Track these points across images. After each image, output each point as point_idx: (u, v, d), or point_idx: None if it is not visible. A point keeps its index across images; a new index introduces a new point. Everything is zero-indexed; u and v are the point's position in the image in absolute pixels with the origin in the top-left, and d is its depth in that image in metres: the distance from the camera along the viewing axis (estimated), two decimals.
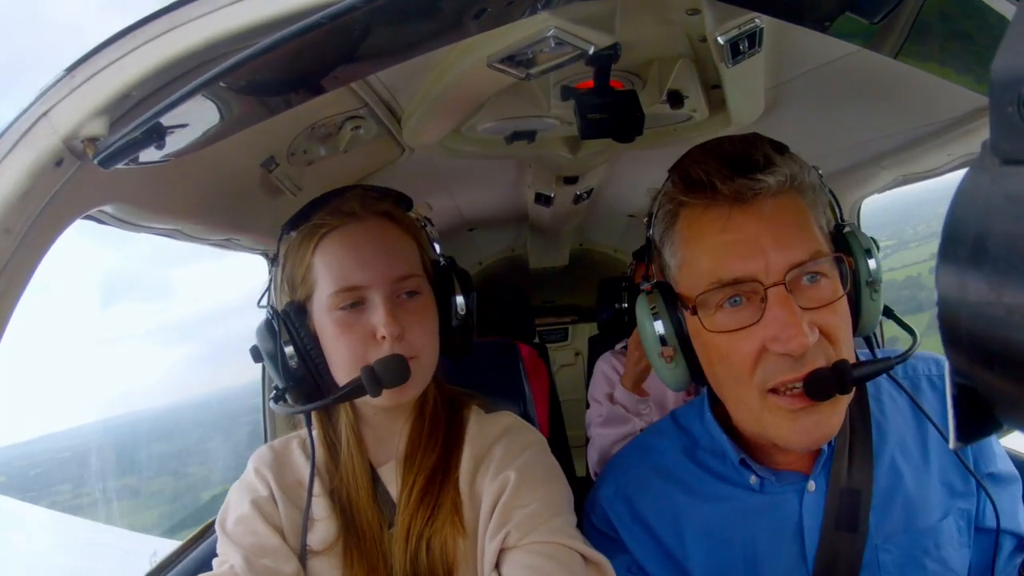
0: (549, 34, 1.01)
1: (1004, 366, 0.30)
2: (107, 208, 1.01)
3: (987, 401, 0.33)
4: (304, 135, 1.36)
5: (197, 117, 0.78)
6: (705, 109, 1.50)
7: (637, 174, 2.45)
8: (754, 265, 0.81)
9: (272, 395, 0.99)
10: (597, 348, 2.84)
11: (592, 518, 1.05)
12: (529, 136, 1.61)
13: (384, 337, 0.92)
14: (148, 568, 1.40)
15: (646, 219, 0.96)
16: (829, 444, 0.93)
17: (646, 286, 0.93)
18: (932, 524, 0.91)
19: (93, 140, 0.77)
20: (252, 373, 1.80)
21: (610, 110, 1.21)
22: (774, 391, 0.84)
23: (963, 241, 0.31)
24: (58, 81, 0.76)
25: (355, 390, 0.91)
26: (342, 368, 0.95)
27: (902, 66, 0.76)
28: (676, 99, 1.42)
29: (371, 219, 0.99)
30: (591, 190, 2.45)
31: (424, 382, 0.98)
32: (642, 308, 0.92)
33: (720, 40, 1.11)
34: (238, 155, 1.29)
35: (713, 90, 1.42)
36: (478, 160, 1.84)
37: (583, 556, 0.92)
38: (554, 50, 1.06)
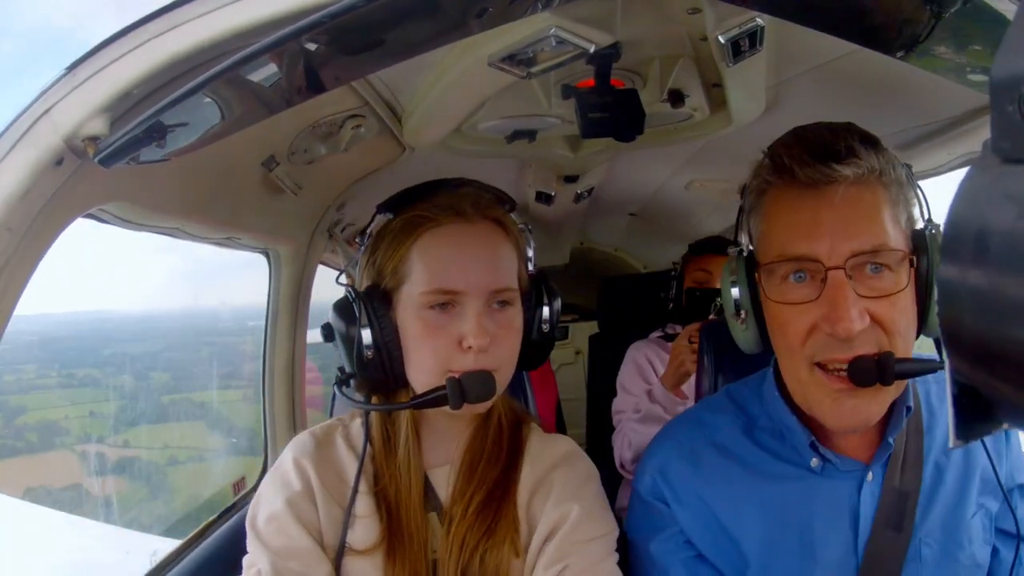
0: (550, 33, 1.01)
1: (1005, 365, 0.31)
2: (108, 207, 1.02)
3: (988, 400, 0.33)
4: (305, 134, 1.36)
5: (197, 116, 0.78)
6: (706, 108, 1.50)
7: (638, 173, 2.45)
8: (818, 246, 0.85)
9: (336, 378, 0.96)
10: (598, 346, 2.84)
11: (639, 489, 1.06)
12: (530, 135, 1.61)
13: (471, 347, 0.89)
14: (149, 567, 1.40)
15: (740, 189, 1.00)
16: (891, 438, 0.95)
17: (732, 252, 0.99)
18: (966, 520, 0.97)
19: (94, 139, 0.77)
20: (221, 298, 1.75)
21: (611, 109, 1.21)
22: (821, 366, 0.87)
23: (964, 240, 0.31)
24: (59, 80, 0.76)
25: (437, 399, 0.89)
26: (421, 369, 0.92)
27: (903, 65, 0.76)
28: (677, 98, 1.41)
29: (481, 223, 0.95)
30: (591, 189, 2.45)
31: (498, 395, 0.95)
32: (725, 271, 0.98)
33: (721, 39, 1.11)
34: (239, 154, 1.29)
35: (714, 89, 1.42)
36: (479, 159, 1.84)
37: None
38: (555, 49, 1.06)
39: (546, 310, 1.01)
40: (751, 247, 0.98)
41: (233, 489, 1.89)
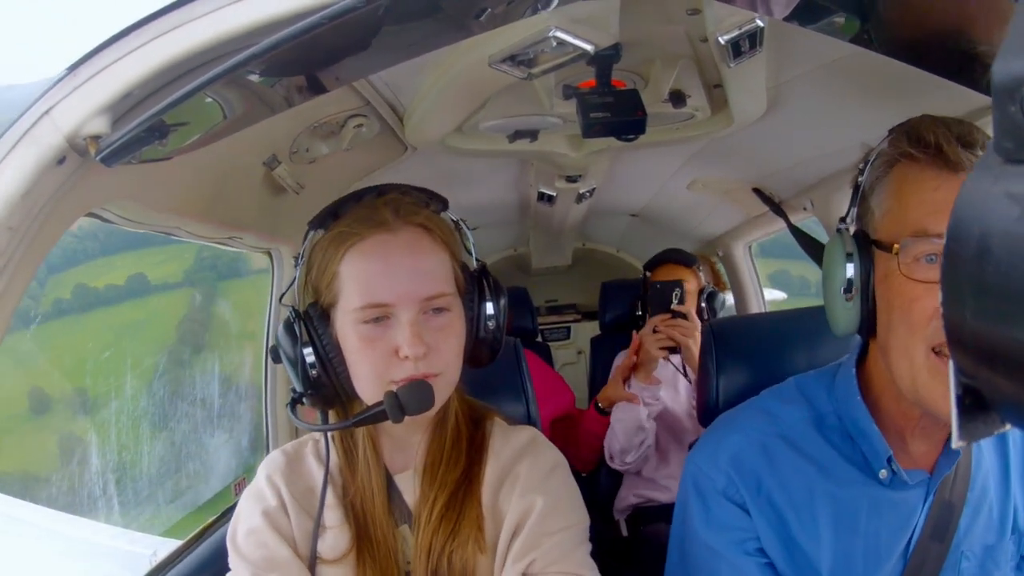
0: (551, 34, 1.01)
1: (1007, 365, 0.30)
2: (109, 206, 1.02)
3: (990, 400, 0.33)
4: (306, 133, 1.36)
5: (199, 115, 0.78)
6: (707, 108, 1.50)
7: (639, 173, 2.45)
8: None
9: (289, 400, 0.97)
10: (599, 347, 2.84)
11: (712, 487, 1.02)
12: (531, 135, 1.61)
13: (407, 357, 0.89)
14: (148, 568, 1.40)
15: (860, 164, 0.97)
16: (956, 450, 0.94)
17: (843, 227, 0.94)
18: (1004, 541, 0.97)
19: (95, 138, 0.77)
20: None
21: (612, 109, 1.21)
22: (938, 352, 0.85)
23: (966, 240, 0.31)
24: (61, 79, 0.76)
25: (376, 415, 0.89)
26: (364, 382, 0.93)
27: (903, 65, 0.76)
28: (678, 98, 1.42)
29: (404, 230, 0.94)
30: (593, 189, 2.46)
31: (444, 399, 0.95)
32: (837, 247, 0.93)
33: (721, 40, 1.11)
34: (240, 153, 1.29)
35: (715, 89, 1.42)
36: (480, 159, 1.85)
37: None
38: (555, 50, 1.06)
39: (489, 306, 1.00)
40: (858, 226, 0.95)
41: (234, 489, 1.89)
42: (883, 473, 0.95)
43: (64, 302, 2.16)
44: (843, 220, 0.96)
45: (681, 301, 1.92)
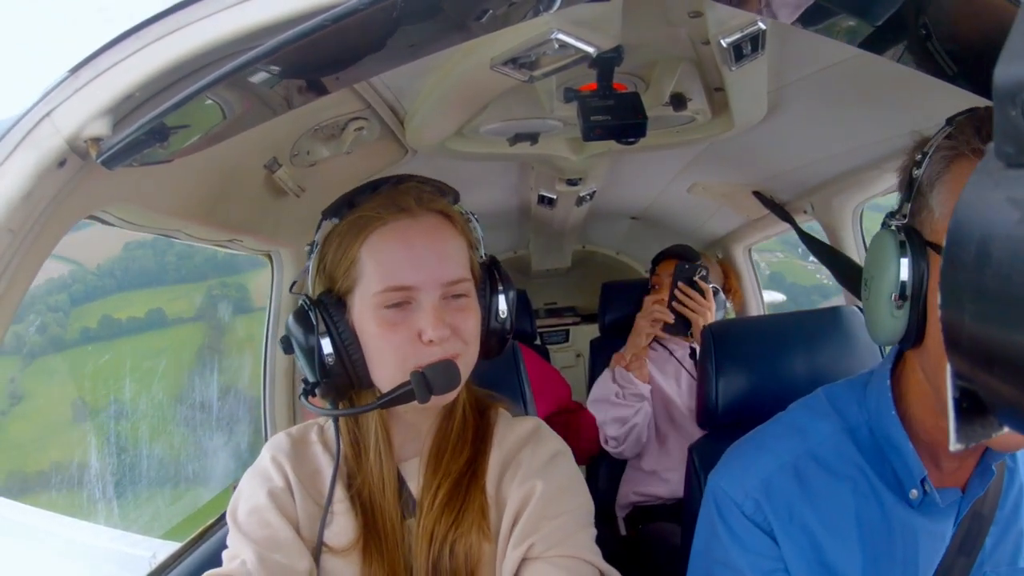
0: (552, 36, 1.01)
1: (1005, 369, 0.30)
2: (110, 208, 1.02)
3: (988, 403, 0.33)
4: (307, 136, 1.36)
5: (200, 118, 0.78)
6: (708, 111, 1.50)
7: (640, 176, 2.46)
8: None
9: (301, 390, 0.96)
10: (598, 350, 2.84)
11: (743, 507, 0.96)
12: (532, 138, 1.61)
13: (431, 340, 0.89)
14: (149, 569, 1.40)
15: (917, 156, 0.84)
16: (994, 464, 0.89)
17: (894, 224, 0.83)
18: None
19: (96, 140, 0.77)
20: None
21: (613, 112, 1.21)
22: None
23: (967, 244, 0.31)
24: (61, 82, 0.76)
25: (404, 395, 0.88)
26: (385, 368, 0.92)
27: (905, 68, 0.76)
28: (679, 101, 1.42)
29: (426, 217, 0.95)
30: (594, 192, 2.46)
31: (462, 384, 0.95)
32: (887, 246, 0.81)
33: (722, 43, 1.11)
34: (241, 156, 1.29)
35: (716, 92, 1.42)
36: (481, 162, 1.85)
37: (601, 572, 0.92)
38: (557, 52, 1.06)
39: (501, 298, 1.01)
40: (910, 224, 0.83)
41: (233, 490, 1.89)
42: (913, 493, 0.89)
43: (91, 331, 2.60)
44: (892, 215, 0.86)
45: (705, 280, 2.07)
